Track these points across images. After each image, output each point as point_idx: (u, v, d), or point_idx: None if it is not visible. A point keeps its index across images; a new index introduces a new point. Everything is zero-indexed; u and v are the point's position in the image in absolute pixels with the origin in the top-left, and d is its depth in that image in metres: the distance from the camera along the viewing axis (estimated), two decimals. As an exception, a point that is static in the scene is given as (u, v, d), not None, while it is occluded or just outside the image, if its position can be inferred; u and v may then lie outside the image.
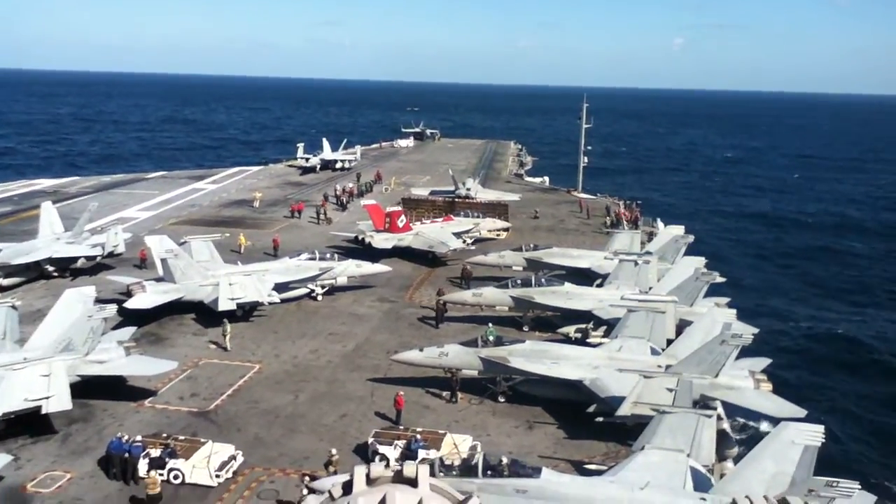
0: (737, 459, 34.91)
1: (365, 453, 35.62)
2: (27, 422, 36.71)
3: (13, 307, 42.50)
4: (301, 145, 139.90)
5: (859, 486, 26.44)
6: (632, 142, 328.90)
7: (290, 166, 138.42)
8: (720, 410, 39.68)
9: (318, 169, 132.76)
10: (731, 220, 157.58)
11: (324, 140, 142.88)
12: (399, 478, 18.82)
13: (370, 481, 18.68)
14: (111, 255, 65.83)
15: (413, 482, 18.56)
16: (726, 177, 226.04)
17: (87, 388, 39.99)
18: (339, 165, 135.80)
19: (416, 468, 18.77)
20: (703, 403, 37.93)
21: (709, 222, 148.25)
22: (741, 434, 41.32)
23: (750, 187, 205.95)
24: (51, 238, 65.00)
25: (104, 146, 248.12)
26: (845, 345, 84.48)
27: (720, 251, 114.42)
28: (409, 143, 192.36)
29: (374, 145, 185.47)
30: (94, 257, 64.64)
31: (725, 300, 55.42)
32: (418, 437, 35.21)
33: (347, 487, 18.67)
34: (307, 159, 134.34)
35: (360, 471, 18.82)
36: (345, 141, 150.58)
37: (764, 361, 44.22)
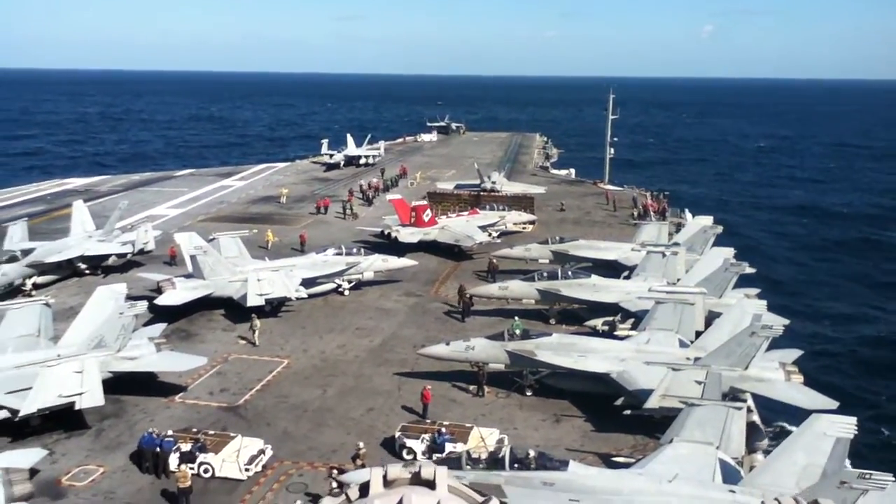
0: (767, 451, 34.45)
1: (392, 447, 35.86)
2: (61, 417, 37.41)
3: (47, 305, 43.41)
4: (325, 141, 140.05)
5: (893, 479, 25.95)
6: (659, 132, 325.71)
7: (314, 163, 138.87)
8: (750, 402, 39.13)
9: (342, 165, 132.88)
10: (762, 211, 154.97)
11: (348, 136, 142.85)
12: (417, 479, 18.68)
13: (387, 483, 18.58)
14: (141, 252, 66.81)
15: (431, 484, 18.44)
16: (758, 167, 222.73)
17: (119, 384, 40.60)
18: (363, 161, 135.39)
19: (433, 470, 18.64)
20: (732, 396, 37.52)
21: (739, 213, 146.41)
22: (772, 427, 40.66)
23: (782, 177, 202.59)
24: (82, 236, 66.06)
25: (132, 145, 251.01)
26: (879, 336, 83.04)
27: (751, 242, 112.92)
28: (432, 137, 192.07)
29: (398, 140, 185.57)
30: (124, 255, 65.59)
31: (755, 291, 54.60)
32: (443, 430, 35.26)
33: (364, 489, 18.60)
34: (331, 155, 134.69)
35: (377, 472, 18.73)
36: (368, 136, 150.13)
37: (795, 353, 43.56)
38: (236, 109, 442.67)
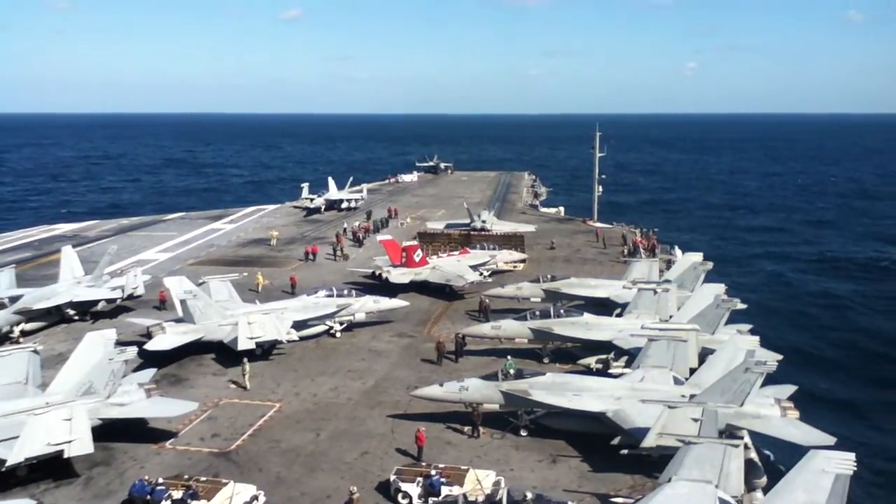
0: (766, 489, 34.16)
1: (387, 491, 35.31)
2: (50, 466, 36.71)
3: (35, 352, 42.94)
4: (306, 185, 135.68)
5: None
6: (646, 169, 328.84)
7: (295, 207, 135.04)
8: (747, 439, 38.97)
9: (322, 209, 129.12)
10: (750, 246, 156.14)
11: (329, 179, 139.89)
12: None
13: None
14: (131, 297, 66.41)
15: None
16: (745, 199, 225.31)
17: (109, 431, 40.00)
18: (345, 205, 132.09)
19: None
20: (729, 433, 37.31)
21: (728, 249, 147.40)
22: (770, 464, 40.45)
23: (768, 211, 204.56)
24: (71, 282, 65.60)
25: (110, 193, 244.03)
26: (876, 370, 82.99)
27: (740, 278, 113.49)
28: (412, 177, 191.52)
29: (384, 181, 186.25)
30: (114, 300, 65.13)
31: (748, 327, 54.76)
32: (434, 472, 34.74)
33: None
34: (311, 199, 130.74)
35: None
36: (350, 179, 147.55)
37: (790, 388, 43.55)
38: (219, 153, 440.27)
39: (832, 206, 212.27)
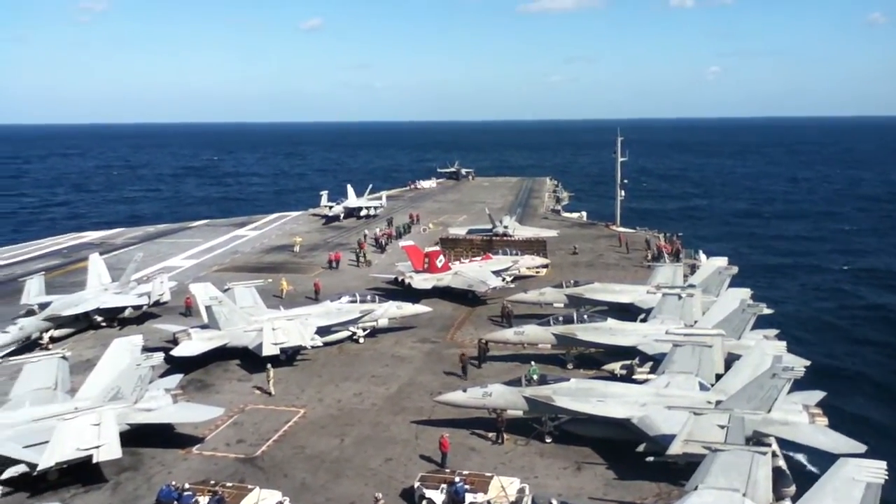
0: (795, 498, 33.70)
1: (411, 497, 35.32)
2: (79, 471, 37.18)
3: (64, 358, 43.68)
4: (325, 193, 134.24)
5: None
6: (668, 174, 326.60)
7: (314, 215, 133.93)
8: (775, 447, 38.47)
9: (341, 217, 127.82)
10: (776, 253, 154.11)
11: (348, 187, 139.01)
12: None
13: None
14: (157, 303, 67.14)
15: None
16: (768, 204, 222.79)
17: (137, 437, 40.48)
18: (364, 213, 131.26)
19: None
20: (756, 440, 36.90)
21: (754, 253, 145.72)
22: (799, 472, 39.88)
23: (792, 215, 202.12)
24: (99, 289, 66.57)
25: (128, 204, 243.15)
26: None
27: (766, 282, 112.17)
28: (432, 183, 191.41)
29: (404, 188, 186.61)
30: (140, 306, 65.87)
31: (774, 332, 54.17)
32: (458, 479, 34.63)
33: None
34: (330, 207, 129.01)
35: None
36: (370, 186, 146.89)
37: (818, 395, 42.95)
38: (241, 162, 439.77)
39: (861, 212, 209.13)
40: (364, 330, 60.94)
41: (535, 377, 43.31)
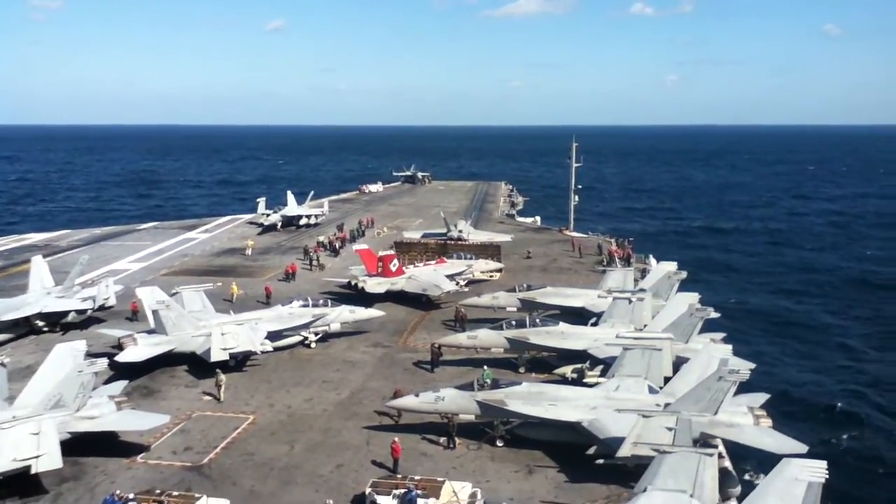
0: (740, 498, 34.33)
1: (363, 504, 35.00)
2: (17, 482, 35.90)
3: (2, 364, 41.90)
4: (262, 200, 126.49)
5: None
6: (623, 180, 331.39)
7: (250, 223, 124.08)
8: (721, 448, 39.16)
9: (279, 226, 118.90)
10: (725, 255, 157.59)
11: (288, 193, 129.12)
12: None
13: None
14: (102, 308, 65.35)
15: None
16: (718, 210, 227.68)
17: (79, 446, 39.27)
18: (303, 221, 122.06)
19: None
20: (703, 442, 37.52)
21: (701, 257, 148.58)
22: (743, 472, 40.66)
23: (740, 219, 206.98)
24: (41, 292, 64.51)
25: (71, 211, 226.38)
26: (847, 376, 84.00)
27: (713, 287, 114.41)
28: (378, 187, 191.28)
29: (355, 192, 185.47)
30: (85, 311, 64.07)
31: (721, 335, 55.15)
32: (410, 485, 34.43)
33: None
34: (267, 215, 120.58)
35: None
36: (311, 193, 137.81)
37: (763, 396, 43.92)
38: (176, 163, 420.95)
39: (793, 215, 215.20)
40: (316, 334, 60.32)
41: (487, 381, 43.34)
